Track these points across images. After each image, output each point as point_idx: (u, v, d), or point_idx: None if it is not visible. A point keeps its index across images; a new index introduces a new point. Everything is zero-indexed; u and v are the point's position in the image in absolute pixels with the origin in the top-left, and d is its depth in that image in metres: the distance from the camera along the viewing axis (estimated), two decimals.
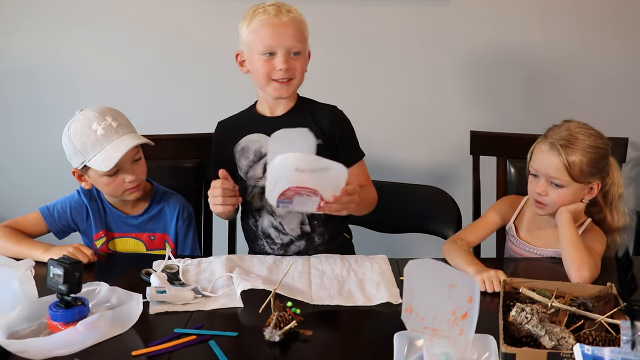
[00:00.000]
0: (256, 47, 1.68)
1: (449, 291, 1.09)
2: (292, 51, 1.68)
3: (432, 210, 2.12)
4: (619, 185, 1.75)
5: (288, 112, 1.78)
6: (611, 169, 1.74)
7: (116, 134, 1.67)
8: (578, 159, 1.63)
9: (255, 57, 1.69)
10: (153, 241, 1.83)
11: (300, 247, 1.80)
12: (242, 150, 1.78)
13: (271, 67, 1.68)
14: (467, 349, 1.11)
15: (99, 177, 1.70)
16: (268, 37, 1.66)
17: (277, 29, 1.66)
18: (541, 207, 1.70)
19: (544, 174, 1.68)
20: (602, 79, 2.63)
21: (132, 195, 1.75)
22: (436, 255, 1.70)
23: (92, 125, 1.66)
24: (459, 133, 2.34)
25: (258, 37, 1.67)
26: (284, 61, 1.67)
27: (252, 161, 1.77)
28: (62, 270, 1.29)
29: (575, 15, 2.57)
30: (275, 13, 1.67)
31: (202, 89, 2.66)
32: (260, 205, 1.80)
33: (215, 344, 1.28)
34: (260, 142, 1.77)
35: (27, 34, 2.62)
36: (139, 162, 1.74)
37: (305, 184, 1.45)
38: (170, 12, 2.58)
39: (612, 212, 1.75)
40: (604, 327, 1.23)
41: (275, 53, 1.67)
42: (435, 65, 2.63)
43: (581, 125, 1.68)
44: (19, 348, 1.21)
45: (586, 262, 1.55)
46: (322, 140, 1.75)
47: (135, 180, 1.72)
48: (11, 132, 2.74)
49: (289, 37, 1.67)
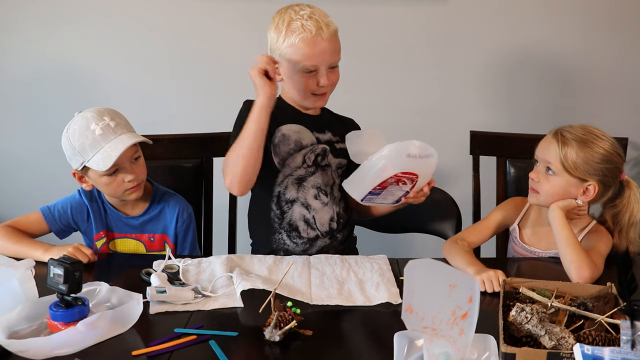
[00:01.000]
0: (296, 64, 1.66)
1: (449, 291, 1.09)
2: (332, 65, 1.69)
3: (432, 210, 2.12)
4: (633, 212, 1.68)
5: (321, 115, 1.83)
6: (628, 192, 1.69)
7: (114, 134, 1.67)
8: (575, 151, 1.62)
9: (294, 72, 1.68)
10: (153, 242, 1.83)
11: (326, 243, 1.81)
12: (283, 137, 1.76)
13: (312, 83, 1.69)
14: (467, 349, 1.11)
15: (98, 177, 1.70)
16: (311, 56, 1.65)
17: (319, 47, 1.64)
18: (533, 192, 1.70)
19: (542, 159, 1.69)
20: (602, 79, 2.63)
21: (132, 195, 1.74)
22: (436, 255, 1.70)
23: (90, 125, 1.66)
24: (459, 133, 2.34)
25: (298, 53, 1.65)
26: (327, 78, 1.68)
27: (293, 149, 1.76)
28: (63, 270, 1.29)
29: (575, 15, 2.57)
30: (317, 31, 1.64)
31: (202, 89, 2.66)
32: (295, 196, 1.78)
33: (215, 343, 1.28)
34: (301, 133, 1.77)
35: (27, 34, 2.62)
36: (139, 162, 1.74)
37: (412, 170, 1.55)
38: (171, 12, 2.58)
39: (620, 237, 1.70)
40: (604, 327, 1.23)
41: (317, 70, 1.67)
42: (434, 65, 2.63)
43: (597, 129, 1.67)
44: (19, 348, 1.21)
45: (585, 262, 1.55)
46: None
47: (134, 179, 1.71)
48: (11, 133, 2.75)
49: (332, 54, 1.67)
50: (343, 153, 1.78)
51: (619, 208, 1.70)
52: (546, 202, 1.68)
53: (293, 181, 1.77)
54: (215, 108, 2.67)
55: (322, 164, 1.78)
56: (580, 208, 1.67)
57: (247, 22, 2.56)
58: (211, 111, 2.67)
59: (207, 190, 2.10)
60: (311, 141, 1.77)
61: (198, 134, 2.11)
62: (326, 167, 1.79)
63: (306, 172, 1.75)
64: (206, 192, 2.10)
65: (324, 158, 1.78)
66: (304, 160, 1.77)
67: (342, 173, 1.82)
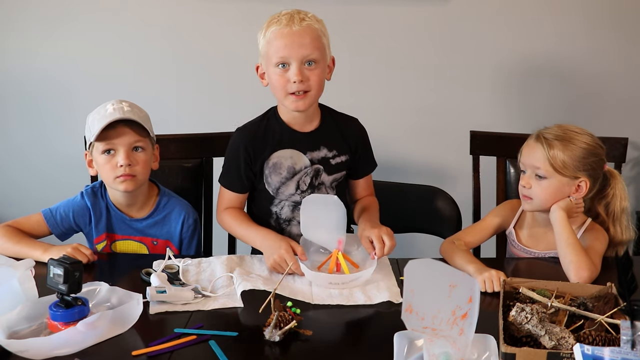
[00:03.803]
0: (270, 59, 1.63)
1: (449, 291, 1.09)
2: (306, 60, 1.62)
3: (432, 210, 2.12)
4: (622, 199, 1.72)
5: (318, 129, 1.76)
6: (614, 181, 1.73)
7: (123, 115, 1.68)
8: (561, 150, 1.63)
9: (271, 69, 1.65)
10: (156, 246, 1.82)
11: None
12: (274, 166, 1.74)
13: (286, 80, 1.63)
14: (467, 349, 1.11)
15: (98, 155, 1.71)
16: (280, 48, 1.61)
17: (288, 39, 1.60)
18: (526, 199, 1.70)
19: (529, 165, 1.69)
20: (602, 79, 2.63)
21: (121, 185, 1.70)
22: (436, 255, 1.71)
23: (107, 105, 1.71)
24: (459, 133, 2.34)
25: (271, 48, 1.62)
26: (298, 73, 1.61)
27: (285, 177, 1.75)
28: (62, 270, 1.29)
29: (576, 15, 2.57)
30: (287, 22, 1.61)
31: (203, 89, 2.66)
32: (292, 216, 1.79)
33: (215, 344, 1.28)
34: (293, 158, 1.73)
35: (27, 34, 2.62)
36: (139, 154, 1.72)
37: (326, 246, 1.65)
38: (171, 12, 2.58)
39: (615, 226, 1.72)
40: (604, 327, 1.23)
41: (289, 64, 1.62)
42: (434, 65, 2.63)
43: (572, 125, 1.69)
44: (19, 348, 1.21)
45: (585, 263, 1.55)
46: (349, 156, 1.79)
47: (127, 167, 1.69)
48: (11, 133, 2.74)
49: (301, 47, 1.60)
50: (338, 167, 1.78)
51: (609, 198, 1.73)
52: (541, 207, 1.69)
53: (289, 204, 1.78)
54: (216, 108, 2.67)
55: (315, 184, 1.77)
56: (578, 205, 1.69)
57: (248, 22, 2.54)
58: (211, 111, 2.67)
59: (207, 190, 2.10)
60: (304, 164, 1.74)
61: (198, 134, 2.11)
62: (320, 185, 1.77)
63: (301, 197, 1.70)
64: (206, 192, 2.10)
65: (317, 178, 1.76)
66: (297, 186, 1.75)
67: (338, 184, 1.80)
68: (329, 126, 1.78)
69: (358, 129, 1.84)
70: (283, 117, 1.75)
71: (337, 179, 1.79)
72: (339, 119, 1.81)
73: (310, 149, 1.75)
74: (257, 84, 1.74)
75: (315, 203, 1.61)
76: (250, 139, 1.74)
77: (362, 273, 1.54)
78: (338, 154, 1.78)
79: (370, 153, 1.87)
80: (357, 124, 1.84)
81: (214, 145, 2.08)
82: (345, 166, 1.80)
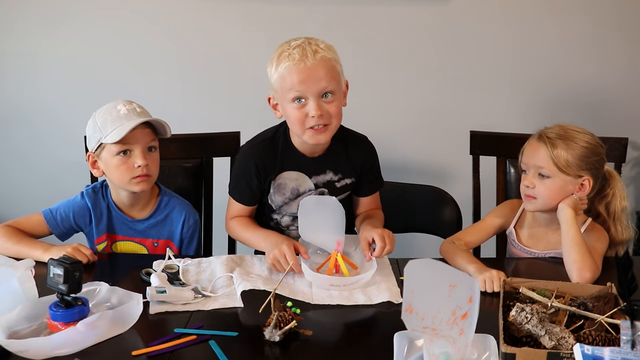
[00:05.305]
0: (285, 95, 1.59)
1: (449, 291, 1.09)
2: (323, 93, 1.59)
3: (432, 210, 2.12)
4: (621, 198, 1.73)
5: (326, 153, 1.74)
6: (613, 181, 1.74)
7: (137, 116, 1.68)
8: (564, 149, 1.63)
9: (287, 104, 1.60)
10: (156, 248, 1.82)
11: None
12: (279, 186, 1.74)
13: (304, 115, 1.59)
14: (467, 349, 1.11)
15: (111, 157, 1.69)
16: (296, 84, 1.56)
17: (304, 74, 1.55)
18: (529, 199, 1.70)
19: (532, 165, 1.69)
20: (602, 78, 2.63)
21: (138, 186, 1.71)
22: (436, 255, 1.71)
23: (118, 105, 1.70)
24: (459, 133, 2.34)
25: (286, 84, 1.58)
26: (317, 107, 1.57)
27: (288, 198, 1.75)
28: (62, 270, 1.29)
29: (577, 14, 2.57)
30: (301, 57, 1.55)
31: (203, 89, 2.67)
32: (291, 223, 1.80)
33: (215, 344, 1.28)
34: (298, 181, 1.73)
35: (27, 34, 2.62)
36: (153, 154, 1.74)
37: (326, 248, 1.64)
38: (172, 12, 2.58)
39: (615, 225, 1.73)
40: (604, 327, 1.23)
41: (306, 99, 1.58)
42: (434, 65, 2.63)
43: (573, 125, 1.70)
44: (19, 348, 1.21)
45: (588, 264, 1.55)
46: (354, 178, 1.78)
47: (145, 167, 1.69)
48: (11, 132, 2.74)
49: (318, 80, 1.56)
50: (343, 189, 1.78)
51: (610, 197, 1.74)
52: (545, 206, 1.69)
53: (290, 214, 1.79)
54: (216, 108, 2.67)
55: None
56: (583, 203, 1.69)
57: (249, 22, 2.56)
58: (212, 111, 2.67)
59: (207, 190, 2.10)
60: (308, 187, 1.74)
61: (198, 134, 2.11)
62: None
63: None
64: (206, 192, 2.10)
65: None
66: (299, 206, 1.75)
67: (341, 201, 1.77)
68: (337, 150, 1.75)
69: (366, 151, 1.81)
70: (294, 141, 1.73)
71: (341, 199, 1.77)
72: (348, 140, 1.77)
73: (316, 172, 1.74)
74: (257, 84, 1.74)
75: (313, 204, 1.61)
76: (259, 158, 1.73)
77: (363, 275, 1.54)
78: (343, 177, 1.77)
79: (378, 173, 1.85)
80: (365, 144, 1.81)
81: (214, 145, 2.09)
82: (351, 187, 1.80)
